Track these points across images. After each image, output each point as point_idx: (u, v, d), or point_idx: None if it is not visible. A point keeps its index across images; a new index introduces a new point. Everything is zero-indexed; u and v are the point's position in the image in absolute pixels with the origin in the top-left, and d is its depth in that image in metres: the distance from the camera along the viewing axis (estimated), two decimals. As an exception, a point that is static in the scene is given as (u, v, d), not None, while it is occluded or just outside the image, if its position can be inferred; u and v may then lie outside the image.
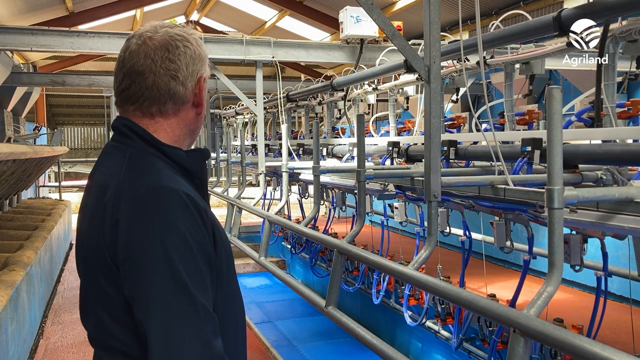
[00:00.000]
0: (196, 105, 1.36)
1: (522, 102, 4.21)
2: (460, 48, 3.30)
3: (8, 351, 4.50)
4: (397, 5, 10.51)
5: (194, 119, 1.38)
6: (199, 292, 1.15)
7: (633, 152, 2.78)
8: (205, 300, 1.17)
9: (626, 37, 3.10)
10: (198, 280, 1.16)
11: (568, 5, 5.95)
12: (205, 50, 1.38)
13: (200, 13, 15.55)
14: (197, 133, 1.41)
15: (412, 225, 5.57)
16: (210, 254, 1.22)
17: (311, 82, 8.73)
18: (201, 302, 1.15)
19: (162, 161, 1.29)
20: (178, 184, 1.23)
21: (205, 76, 1.37)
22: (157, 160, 1.28)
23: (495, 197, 3.15)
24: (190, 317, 1.13)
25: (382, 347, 3.12)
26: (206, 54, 1.38)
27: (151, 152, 1.29)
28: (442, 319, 4.82)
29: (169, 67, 1.30)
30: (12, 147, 6.14)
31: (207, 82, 1.40)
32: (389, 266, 3.23)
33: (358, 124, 3.99)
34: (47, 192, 15.60)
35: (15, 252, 5.99)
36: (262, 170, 6.73)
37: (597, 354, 1.77)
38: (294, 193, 7.70)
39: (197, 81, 1.35)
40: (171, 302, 1.13)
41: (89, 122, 25.03)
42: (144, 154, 1.29)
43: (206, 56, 1.38)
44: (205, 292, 1.18)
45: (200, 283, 1.17)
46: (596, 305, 3.36)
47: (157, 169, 1.26)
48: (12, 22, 9.57)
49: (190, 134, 1.39)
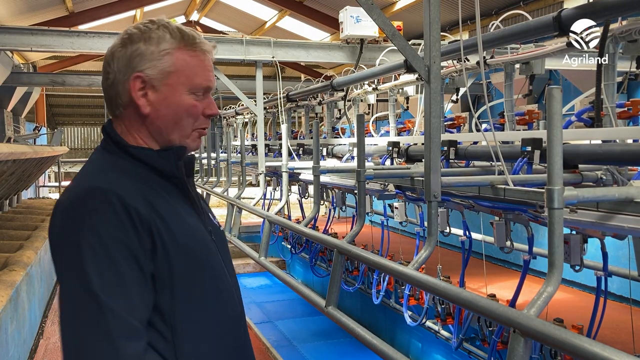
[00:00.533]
0: (137, 106, 1.30)
1: (522, 102, 4.21)
2: (460, 48, 3.30)
3: (8, 351, 4.50)
4: (397, 5, 10.51)
5: (147, 120, 1.32)
6: (110, 295, 1.13)
7: (633, 152, 2.78)
8: (117, 303, 1.13)
9: (626, 37, 3.10)
10: (110, 282, 1.14)
11: (568, 5, 5.95)
12: (164, 45, 1.30)
13: (200, 13, 15.55)
14: (165, 133, 1.33)
15: (412, 225, 5.57)
16: (137, 254, 1.18)
17: (311, 82, 8.73)
18: (109, 306, 1.12)
19: (129, 163, 1.30)
20: (112, 185, 1.21)
21: (144, 75, 1.29)
22: (117, 162, 1.29)
23: (495, 197, 3.15)
24: (95, 322, 1.11)
25: (382, 347, 3.12)
26: (160, 49, 1.30)
27: (120, 155, 1.31)
28: (442, 319, 4.82)
29: (106, 68, 1.33)
30: (12, 147, 6.14)
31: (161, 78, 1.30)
32: (389, 266, 3.22)
33: (358, 124, 3.99)
34: (47, 192, 15.60)
35: (15, 252, 5.99)
36: (262, 170, 6.73)
37: (597, 354, 1.77)
38: (294, 193, 7.70)
39: (131, 80, 1.29)
40: (78, 306, 1.13)
41: (89, 122, 25.03)
42: (105, 156, 1.32)
43: (153, 52, 1.29)
44: (122, 294, 1.14)
45: (115, 286, 1.14)
46: (596, 305, 3.36)
47: (101, 170, 1.28)
48: (12, 22, 9.56)
49: (157, 135, 1.33)
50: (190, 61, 1.32)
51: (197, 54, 1.34)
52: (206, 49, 1.36)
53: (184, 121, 1.33)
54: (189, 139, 1.35)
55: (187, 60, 1.32)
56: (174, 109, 1.32)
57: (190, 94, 1.33)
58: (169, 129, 1.33)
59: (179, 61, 1.31)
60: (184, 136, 1.34)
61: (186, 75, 1.31)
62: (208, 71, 1.36)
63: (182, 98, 1.32)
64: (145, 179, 1.29)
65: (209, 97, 1.37)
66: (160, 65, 1.30)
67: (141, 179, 1.29)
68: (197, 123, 1.35)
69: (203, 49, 1.35)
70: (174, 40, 1.31)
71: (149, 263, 1.20)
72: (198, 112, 1.34)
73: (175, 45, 1.31)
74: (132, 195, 1.22)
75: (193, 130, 1.35)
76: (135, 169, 1.30)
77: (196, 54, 1.34)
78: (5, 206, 8.83)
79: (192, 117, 1.34)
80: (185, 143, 1.35)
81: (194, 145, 1.37)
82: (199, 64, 1.34)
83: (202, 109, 1.35)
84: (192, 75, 1.32)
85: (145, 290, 1.19)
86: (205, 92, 1.36)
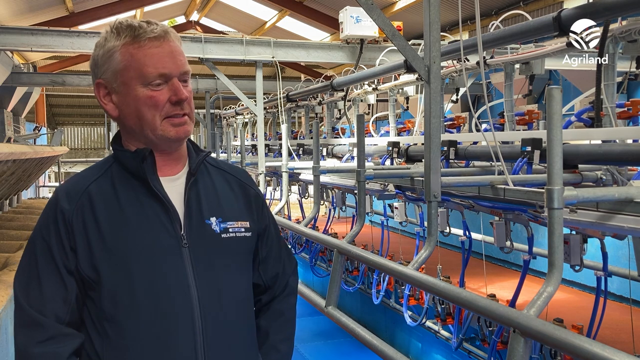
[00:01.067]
0: (107, 111, 1.37)
1: (522, 102, 4.21)
2: (460, 48, 3.30)
3: (8, 351, 4.50)
4: (397, 5, 10.51)
5: (121, 122, 1.37)
6: (20, 288, 1.29)
7: (633, 152, 2.78)
8: (24, 296, 1.28)
9: (626, 37, 3.10)
10: (25, 276, 1.30)
11: (568, 5, 5.95)
12: (109, 45, 1.31)
13: (200, 13, 15.55)
14: (138, 131, 1.33)
15: (412, 225, 5.57)
16: (54, 251, 1.28)
17: (311, 82, 8.73)
18: (17, 298, 1.28)
19: (116, 165, 1.37)
20: (65, 186, 1.34)
21: (103, 81, 1.33)
22: (106, 163, 1.38)
23: (495, 197, 3.15)
24: (16, 317, 1.29)
25: (382, 347, 3.13)
26: (106, 50, 1.31)
27: (113, 157, 1.40)
28: (442, 319, 4.81)
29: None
30: (12, 147, 6.14)
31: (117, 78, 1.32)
32: (389, 266, 3.23)
33: (358, 124, 3.99)
34: (47, 192, 15.59)
35: (16, 252, 5.99)
36: (262, 170, 6.73)
37: (597, 354, 1.77)
38: (294, 193, 7.70)
39: (95, 89, 1.36)
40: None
41: (89, 122, 25.03)
42: (104, 158, 1.42)
43: (103, 56, 1.32)
44: (32, 287, 1.28)
45: (29, 279, 1.29)
46: (596, 305, 3.35)
47: (84, 171, 1.40)
48: (12, 22, 9.57)
49: (134, 134, 1.35)
50: (136, 53, 1.29)
51: (143, 44, 1.29)
52: (155, 36, 1.30)
53: (147, 115, 1.31)
54: (161, 130, 1.31)
55: (133, 53, 1.30)
56: (134, 106, 1.31)
57: (145, 87, 1.30)
58: (138, 127, 1.33)
59: (125, 56, 1.30)
60: (154, 129, 1.32)
61: (134, 69, 1.30)
62: (161, 58, 1.30)
63: (137, 93, 1.30)
64: (116, 180, 1.34)
65: (173, 83, 1.31)
66: (111, 67, 1.32)
67: (111, 180, 1.34)
68: (164, 112, 1.31)
69: (150, 37, 1.29)
70: (119, 37, 1.31)
71: (69, 260, 1.28)
72: (158, 102, 1.30)
73: (121, 42, 1.30)
74: (73, 196, 1.31)
75: (163, 120, 1.31)
76: (114, 169, 1.36)
77: (141, 44, 1.29)
78: (5, 206, 8.83)
79: (153, 108, 1.30)
80: (159, 135, 1.32)
81: (171, 135, 1.32)
82: (147, 53, 1.29)
83: (164, 98, 1.30)
84: (139, 67, 1.29)
85: (59, 286, 1.28)
86: (165, 80, 1.30)
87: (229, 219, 1.40)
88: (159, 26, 1.32)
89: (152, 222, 1.31)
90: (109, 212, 1.30)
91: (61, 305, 1.27)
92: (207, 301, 1.32)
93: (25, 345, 1.24)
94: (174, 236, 1.32)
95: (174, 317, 1.29)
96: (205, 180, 1.42)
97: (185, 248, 1.32)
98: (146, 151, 1.32)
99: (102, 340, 1.28)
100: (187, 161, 1.41)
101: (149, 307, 1.28)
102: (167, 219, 1.32)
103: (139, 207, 1.31)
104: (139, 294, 1.27)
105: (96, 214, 1.29)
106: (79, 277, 1.29)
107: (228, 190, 1.45)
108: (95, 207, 1.30)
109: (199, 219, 1.37)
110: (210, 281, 1.34)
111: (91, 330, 1.30)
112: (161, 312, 1.28)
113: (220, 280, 1.36)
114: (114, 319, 1.27)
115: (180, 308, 1.29)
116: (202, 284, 1.32)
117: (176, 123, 1.32)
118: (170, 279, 1.30)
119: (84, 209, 1.29)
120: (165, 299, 1.29)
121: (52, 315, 1.26)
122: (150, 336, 1.27)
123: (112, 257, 1.27)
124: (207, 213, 1.38)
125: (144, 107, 1.30)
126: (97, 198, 1.31)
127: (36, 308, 1.26)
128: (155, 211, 1.32)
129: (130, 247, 1.28)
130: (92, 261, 1.27)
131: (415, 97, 5.60)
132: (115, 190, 1.33)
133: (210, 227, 1.37)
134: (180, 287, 1.30)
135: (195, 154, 1.42)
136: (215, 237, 1.37)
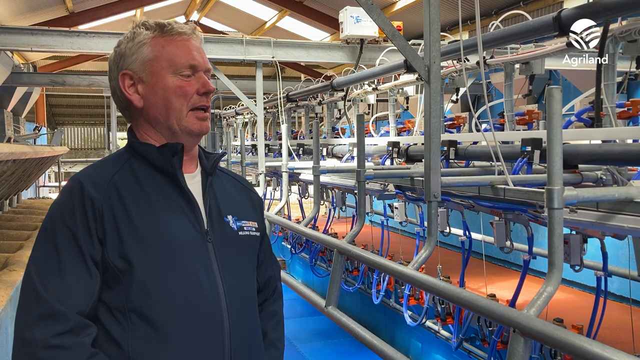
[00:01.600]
0: (131, 102, 1.36)
1: (522, 102, 4.21)
2: (460, 48, 3.31)
3: (9, 351, 4.50)
4: (397, 5, 10.51)
5: (144, 113, 1.37)
6: (41, 279, 1.22)
7: (633, 152, 2.78)
8: (45, 286, 1.21)
9: (626, 37, 3.10)
10: (46, 266, 1.23)
11: (568, 5, 5.95)
12: (139, 38, 1.35)
13: (200, 13, 15.55)
14: (162, 120, 1.36)
15: (412, 225, 5.56)
16: (80, 240, 1.24)
17: (311, 82, 8.73)
18: (36, 288, 1.21)
19: (133, 158, 1.36)
20: (85, 175, 1.31)
21: (129, 71, 1.35)
22: (121, 156, 1.37)
23: (495, 197, 3.15)
24: (24, 302, 1.23)
25: (382, 347, 3.13)
26: (136, 42, 1.35)
27: (130, 151, 1.38)
28: (442, 319, 4.81)
29: (109, 77, 1.41)
30: (12, 147, 6.14)
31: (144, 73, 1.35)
32: (389, 266, 3.23)
33: (358, 124, 3.99)
34: (47, 192, 15.59)
35: (16, 252, 5.98)
36: (262, 170, 6.73)
37: (597, 354, 1.78)
38: (294, 193, 7.70)
39: (120, 79, 1.36)
40: (22, 284, 1.25)
41: (89, 122, 25.04)
42: (118, 151, 1.41)
43: (132, 48, 1.35)
44: (54, 278, 1.22)
45: (49, 269, 1.23)
46: (596, 305, 3.35)
47: (97, 162, 1.38)
48: (12, 22, 9.57)
49: (157, 126, 1.37)
50: (167, 44, 1.36)
51: (174, 38, 1.36)
52: (184, 31, 1.37)
53: (175, 103, 1.35)
54: (186, 121, 1.36)
55: (164, 45, 1.36)
56: (162, 93, 1.34)
57: (175, 75, 1.35)
58: (163, 116, 1.35)
59: (156, 47, 1.35)
60: (180, 119, 1.35)
61: (165, 59, 1.35)
62: (190, 51, 1.36)
63: (167, 81, 1.34)
64: (139, 173, 1.33)
65: (201, 76, 1.37)
66: (140, 57, 1.35)
67: (133, 172, 1.33)
68: (191, 102, 1.36)
69: (180, 31, 1.37)
70: (148, 32, 1.36)
71: (95, 249, 1.25)
72: (187, 91, 1.35)
73: (150, 36, 1.36)
74: (99, 184, 1.28)
75: (189, 111, 1.36)
76: (132, 162, 1.35)
77: (172, 37, 1.36)
78: (5, 206, 8.83)
79: (182, 97, 1.35)
80: (184, 127, 1.36)
81: (195, 128, 1.36)
82: (178, 45, 1.36)
83: (193, 88, 1.36)
84: (171, 57, 1.35)
85: (84, 275, 1.24)
86: (194, 71, 1.36)
87: (243, 218, 1.45)
88: (184, 25, 1.39)
89: (179, 215, 1.33)
90: (138, 203, 1.29)
91: (84, 296, 1.23)
92: (232, 295, 1.36)
93: (45, 337, 1.17)
94: (199, 231, 1.35)
95: (205, 308, 1.31)
96: (217, 181, 1.47)
97: (210, 243, 1.35)
98: (178, 146, 1.35)
99: (122, 330, 1.25)
100: (198, 161, 1.45)
101: (179, 298, 1.28)
102: (192, 214, 1.35)
103: (165, 200, 1.33)
104: (172, 285, 1.28)
105: (125, 204, 1.27)
106: (103, 267, 1.26)
107: (236, 192, 1.51)
108: (123, 198, 1.28)
109: (219, 216, 1.41)
110: (232, 276, 1.38)
111: (107, 320, 1.26)
112: (192, 304, 1.29)
113: (239, 276, 1.40)
114: (142, 309, 1.25)
115: (210, 301, 1.31)
116: (227, 279, 1.36)
117: (200, 117, 1.37)
118: (200, 272, 1.32)
119: (112, 199, 1.27)
120: (195, 291, 1.30)
121: (73, 306, 1.21)
122: (181, 326, 1.27)
123: (145, 247, 1.26)
124: (225, 211, 1.43)
125: (172, 95, 1.34)
126: (123, 189, 1.29)
127: (57, 298, 1.20)
128: (181, 206, 1.34)
129: (162, 238, 1.29)
130: (122, 250, 1.25)
131: (415, 97, 5.60)
132: (139, 183, 1.32)
133: (228, 224, 1.42)
134: (209, 281, 1.32)
135: (205, 156, 1.46)
136: (234, 234, 1.42)
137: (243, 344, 1.37)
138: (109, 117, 16.11)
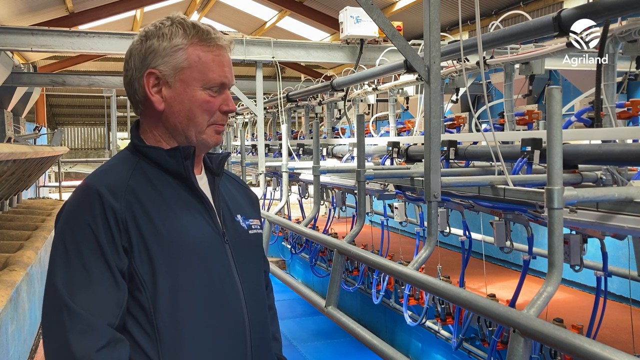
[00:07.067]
0: (152, 102, 1.32)
1: (522, 102, 4.21)
2: (460, 48, 3.31)
3: (8, 351, 4.50)
4: (397, 5, 10.51)
5: (162, 117, 1.33)
6: (70, 292, 1.17)
7: (633, 152, 2.78)
8: (76, 300, 1.16)
9: (626, 37, 3.10)
10: (74, 279, 1.18)
11: (568, 5, 5.96)
12: (176, 41, 1.30)
13: (200, 13, 15.55)
14: (181, 129, 1.33)
15: (412, 225, 5.56)
16: (105, 251, 1.20)
17: (311, 82, 8.73)
18: (67, 302, 1.16)
19: (142, 160, 1.33)
20: (100, 183, 1.25)
21: (157, 72, 1.30)
22: (129, 159, 1.33)
23: (495, 197, 3.15)
24: (55, 317, 1.17)
25: (382, 347, 3.13)
26: (172, 45, 1.30)
27: (137, 154, 1.35)
28: (442, 319, 4.82)
29: (125, 66, 1.35)
30: (13, 147, 6.14)
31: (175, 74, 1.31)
32: (389, 266, 3.23)
33: (358, 124, 3.99)
34: (47, 192, 15.59)
35: (16, 252, 5.99)
36: (262, 170, 6.73)
37: (597, 354, 1.78)
38: (294, 193, 7.70)
39: (145, 77, 1.31)
40: (47, 299, 1.20)
41: (89, 122, 25.07)
42: (122, 154, 1.36)
43: (166, 49, 1.30)
44: (84, 291, 1.18)
45: (78, 282, 1.18)
46: (596, 305, 3.35)
47: (106, 167, 1.33)
48: (12, 22, 9.56)
49: (173, 131, 1.34)
50: (203, 57, 1.32)
51: (211, 49, 1.33)
52: (222, 44, 1.34)
53: (199, 117, 1.33)
54: (205, 134, 1.35)
55: (201, 56, 1.32)
56: (188, 105, 1.32)
57: (205, 90, 1.32)
58: (183, 125, 1.33)
59: (192, 57, 1.31)
60: (199, 132, 1.34)
61: (199, 71, 1.31)
62: (223, 67, 1.34)
63: (195, 94, 1.32)
64: (151, 177, 1.31)
65: (226, 93, 1.36)
66: (173, 62, 1.31)
67: (146, 176, 1.30)
68: (213, 119, 1.35)
69: (218, 44, 1.33)
70: (187, 36, 1.32)
71: (120, 260, 1.21)
72: (213, 108, 1.33)
73: (188, 41, 1.31)
74: (117, 192, 1.24)
75: (209, 125, 1.34)
76: (143, 166, 1.32)
77: (210, 49, 1.33)
78: (5, 206, 8.83)
79: (206, 113, 1.33)
80: (201, 139, 1.35)
81: (212, 141, 1.36)
82: (213, 59, 1.32)
83: (217, 105, 1.34)
84: (205, 70, 1.32)
85: (112, 287, 1.20)
86: (221, 88, 1.35)
87: (249, 217, 1.46)
88: (221, 35, 1.36)
89: (198, 218, 1.32)
90: (158, 208, 1.26)
91: (113, 308, 1.19)
92: (250, 296, 1.36)
93: (87, 354, 1.13)
94: (217, 232, 1.34)
95: (228, 310, 1.31)
96: (222, 181, 1.46)
97: (227, 244, 1.35)
98: (190, 149, 1.33)
99: (151, 342, 1.22)
100: (201, 162, 1.44)
101: (204, 303, 1.27)
102: (208, 216, 1.34)
103: (182, 203, 1.31)
104: (197, 290, 1.26)
105: (146, 210, 1.25)
106: (128, 276, 1.24)
107: (237, 191, 1.51)
108: (143, 203, 1.25)
109: (230, 217, 1.41)
110: (248, 276, 1.38)
111: (136, 333, 1.23)
112: (216, 306, 1.29)
113: (253, 275, 1.41)
114: (170, 317, 1.23)
115: (232, 302, 1.32)
116: (244, 279, 1.36)
117: (219, 131, 1.37)
118: (222, 275, 1.31)
119: (133, 205, 1.24)
120: (219, 294, 1.30)
121: (104, 319, 1.17)
122: (206, 330, 1.27)
123: (169, 251, 1.24)
124: (234, 211, 1.43)
125: (198, 109, 1.32)
126: (141, 194, 1.26)
127: (90, 312, 1.16)
128: (197, 208, 1.33)
129: (185, 241, 1.27)
130: (148, 257, 1.23)
131: (415, 97, 5.60)
132: (154, 186, 1.29)
133: (239, 224, 1.42)
134: (230, 283, 1.32)
135: (207, 156, 1.45)
136: (245, 233, 1.43)
137: (261, 343, 1.38)
138: (109, 117, 16.12)
